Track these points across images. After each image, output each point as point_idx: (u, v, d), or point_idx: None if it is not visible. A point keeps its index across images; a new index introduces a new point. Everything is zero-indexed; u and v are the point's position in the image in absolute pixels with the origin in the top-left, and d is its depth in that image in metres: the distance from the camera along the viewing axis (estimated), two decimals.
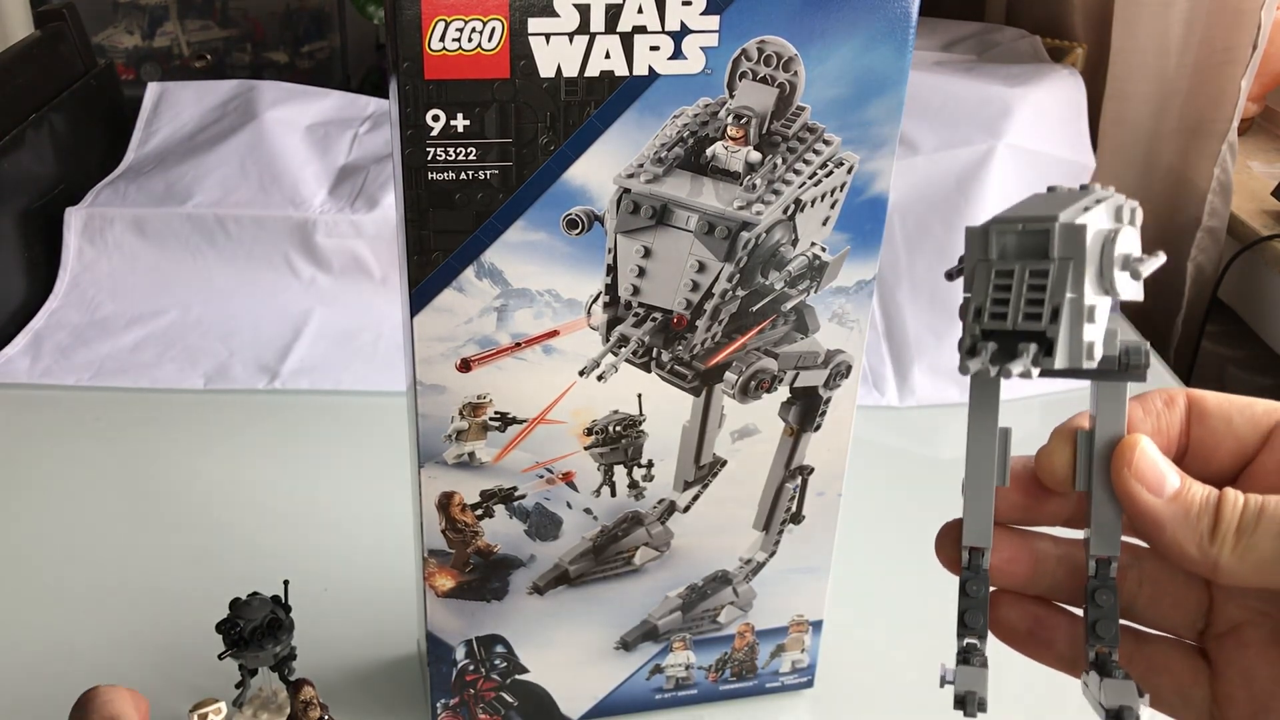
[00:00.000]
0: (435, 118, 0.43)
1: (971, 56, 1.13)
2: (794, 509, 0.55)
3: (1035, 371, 0.26)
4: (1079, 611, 0.33)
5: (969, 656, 0.31)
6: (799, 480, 0.54)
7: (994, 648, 0.32)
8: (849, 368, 0.52)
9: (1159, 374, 0.95)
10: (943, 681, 0.31)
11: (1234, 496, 0.28)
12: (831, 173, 0.47)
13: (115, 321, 0.95)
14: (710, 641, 0.59)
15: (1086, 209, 0.28)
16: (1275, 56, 1.13)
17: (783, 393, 0.52)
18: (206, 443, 0.83)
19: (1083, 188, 0.29)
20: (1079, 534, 0.33)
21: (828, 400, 0.52)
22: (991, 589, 0.32)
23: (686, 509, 0.54)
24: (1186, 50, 1.03)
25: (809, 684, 0.62)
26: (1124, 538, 0.31)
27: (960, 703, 0.30)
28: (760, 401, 0.52)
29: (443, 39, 0.41)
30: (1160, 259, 0.28)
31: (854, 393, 0.53)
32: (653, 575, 0.56)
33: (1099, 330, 0.27)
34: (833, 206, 0.47)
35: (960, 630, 0.31)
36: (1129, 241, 0.28)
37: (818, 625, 0.60)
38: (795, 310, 0.50)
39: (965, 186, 0.97)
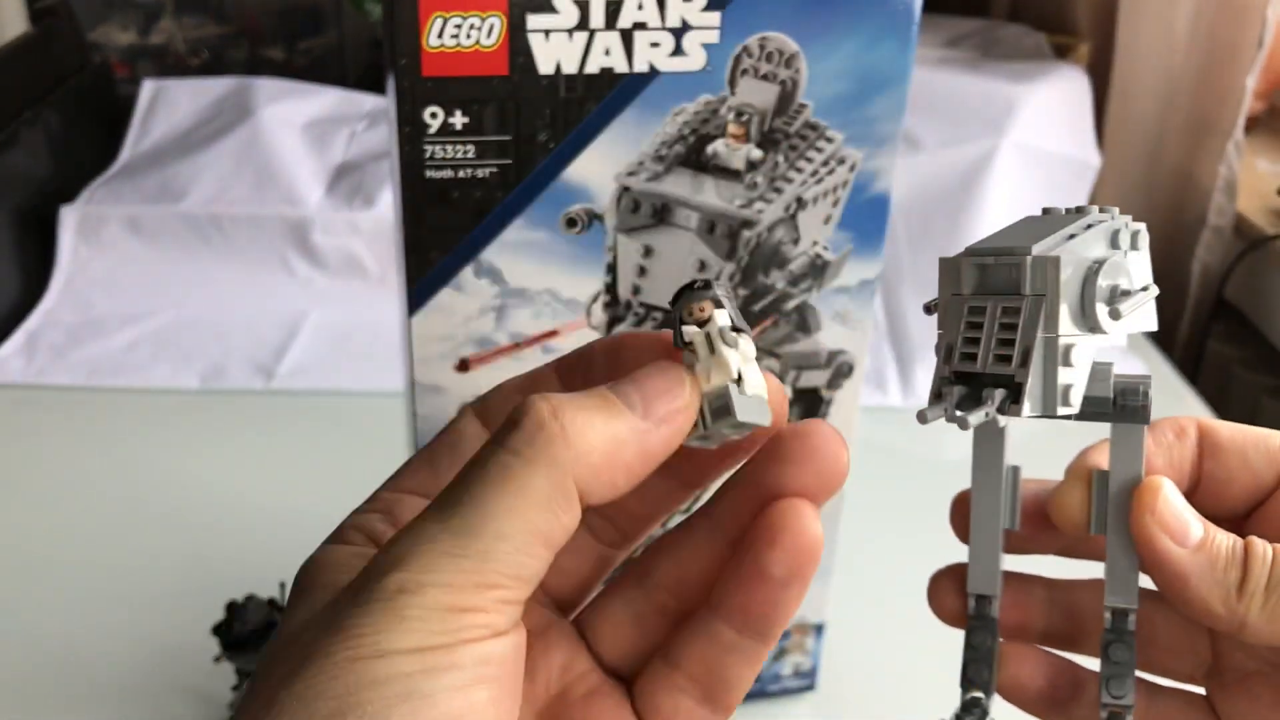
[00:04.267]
0: (433, 115, 0.42)
1: (975, 53, 1.12)
2: None
3: (1002, 420, 0.24)
4: (1072, 657, 0.31)
5: (970, 715, 0.29)
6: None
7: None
8: (851, 368, 0.51)
9: (1164, 375, 0.94)
10: None
11: (1262, 548, 0.26)
12: (833, 170, 0.46)
13: (110, 321, 0.94)
14: None
15: (1072, 236, 0.25)
16: None
17: None
18: (202, 443, 0.82)
19: (1078, 209, 0.27)
20: (1067, 571, 0.31)
21: (830, 401, 0.52)
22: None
23: (688, 509, 0.53)
24: (1192, 47, 1.03)
25: (811, 687, 0.62)
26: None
27: None
28: None
29: (440, 35, 0.40)
30: (1151, 293, 0.26)
31: (857, 393, 0.52)
32: None
33: (1078, 373, 0.25)
34: (835, 205, 0.47)
35: (964, 685, 0.29)
36: (1119, 272, 0.25)
37: (820, 628, 0.59)
38: (797, 310, 0.49)
39: (969, 184, 0.97)
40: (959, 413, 0.24)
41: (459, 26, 0.40)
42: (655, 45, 0.42)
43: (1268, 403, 1.01)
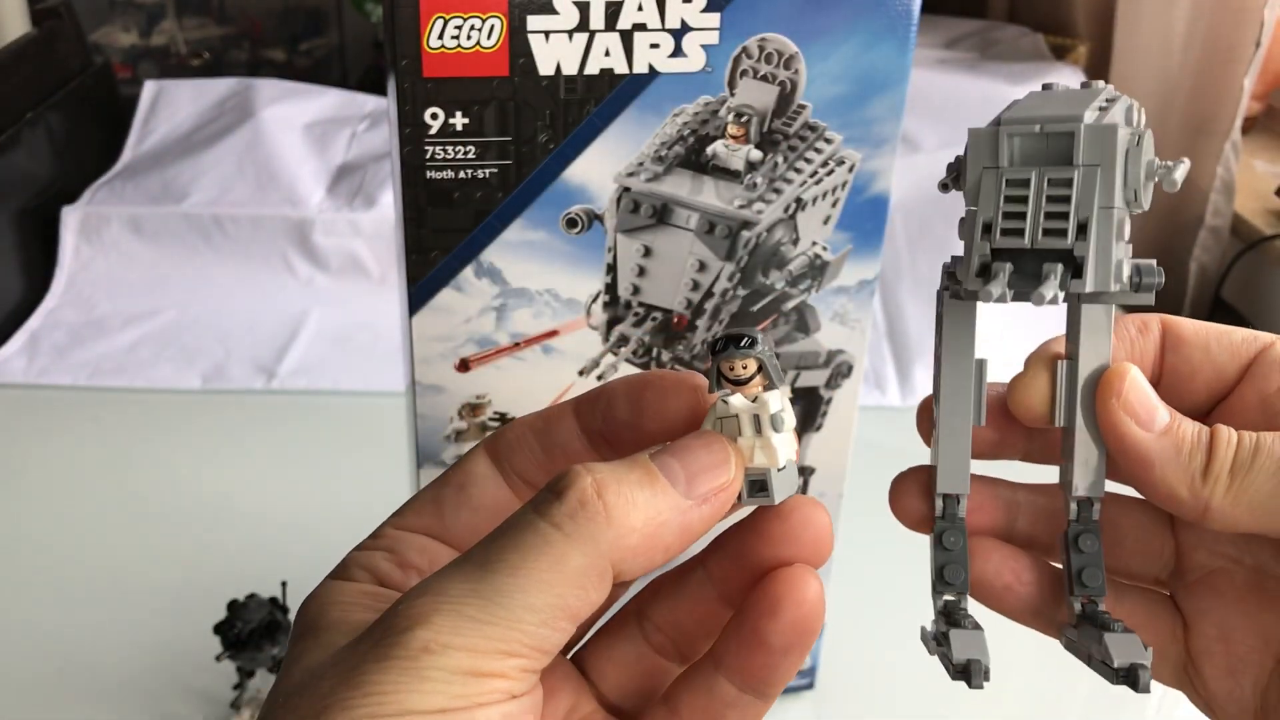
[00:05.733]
0: (434, 116, 0.42)
1: (974, 54, 1.13)
2: None
3: (1061, 296, 0.23)
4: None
5: (955, 617, 0.28)
6: (800, 481, 0.54)
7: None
8: (850, 368, 0.51)
9: None
10: (930, 647, 0.27)
11: (1227, 434, 0.26)
12: (833, 171, 0.46)
13: (112, 321, 0.94)
14: None
15: (1103, 109, 0.24)
16: (1278, 55, 1.13)
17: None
18: (203, 443, 0.82)
19: (1084, 84, 0.26)
20: (1031, 475, 0.30)
21: (829, 400, 0.52)
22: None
23: None
24: (1189, 48, 1.03)
25: (810, 686, 0.62)
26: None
27: (963, 672, 0.26)
28: None
29: (441, 36, 0.41)
30: (1187, 164, 0.25)
31: (856, 393, 0.52)
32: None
33: (1127, 247, 0.24)
34: (834, 205, 0.47)
35: (939, 587, 0.28)
36: (1151, 145, 0.25)
37: None
38: (796, 310, 0.49)
39: None
40: (1021, 288, 0.23)
41: (459, 28, 0.41)
42: (655, 46, 0.42)
43: None
